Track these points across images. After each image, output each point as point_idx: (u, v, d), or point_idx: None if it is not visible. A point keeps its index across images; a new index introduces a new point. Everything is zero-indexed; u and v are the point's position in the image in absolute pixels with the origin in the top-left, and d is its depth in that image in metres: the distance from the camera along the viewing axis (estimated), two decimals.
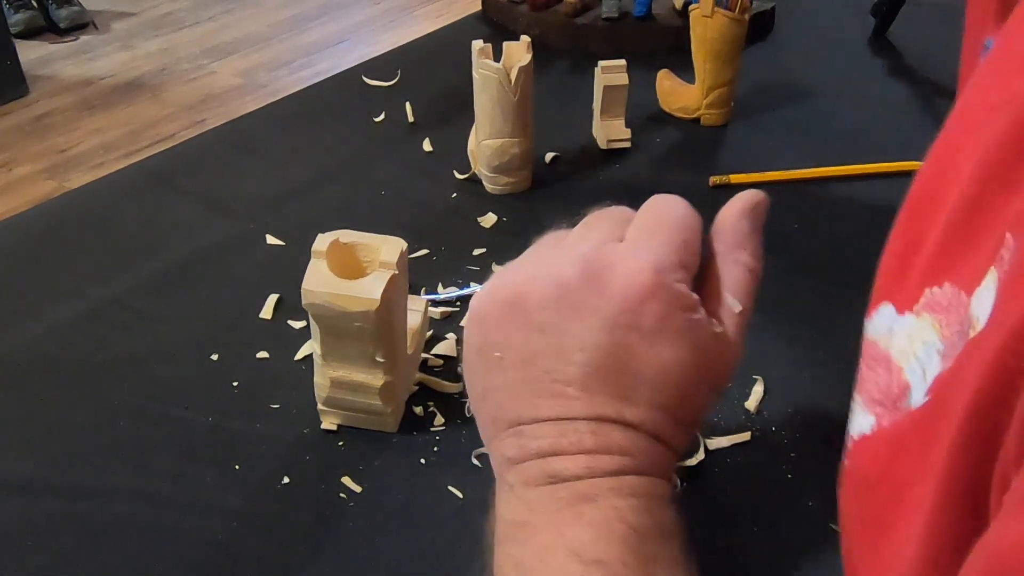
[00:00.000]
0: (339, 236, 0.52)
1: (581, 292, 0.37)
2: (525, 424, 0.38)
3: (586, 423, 0.37)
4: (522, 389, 0.38)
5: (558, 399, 0.37)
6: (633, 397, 0.37)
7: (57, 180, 2.45)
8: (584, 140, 0.86)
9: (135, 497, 0.52)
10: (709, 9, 0.81)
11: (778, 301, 0.66)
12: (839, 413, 0.57)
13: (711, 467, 0.53)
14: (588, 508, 0.36)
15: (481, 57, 0.72)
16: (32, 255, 0.72)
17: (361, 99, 0.93)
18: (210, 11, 3.48)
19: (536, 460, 0.37)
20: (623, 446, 0.37)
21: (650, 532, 0.36)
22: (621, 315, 0.37)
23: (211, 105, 2.81)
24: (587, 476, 0.36)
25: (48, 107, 2.82)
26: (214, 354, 0.62)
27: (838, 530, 0.49)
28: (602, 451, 0.37)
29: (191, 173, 0.82)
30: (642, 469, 0.37)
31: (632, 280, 0.37)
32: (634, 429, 0.37)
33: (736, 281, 0.41)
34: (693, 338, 0.38)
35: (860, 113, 0.90)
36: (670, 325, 0.37)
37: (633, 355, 0.37)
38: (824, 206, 0.76)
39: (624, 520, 0.35)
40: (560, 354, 0.37)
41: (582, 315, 0.37)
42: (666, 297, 0.37)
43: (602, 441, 0.37)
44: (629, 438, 0.37)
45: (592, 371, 0.37)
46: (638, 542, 0.35)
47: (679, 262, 0.39)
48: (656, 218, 0.41)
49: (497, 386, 0.39)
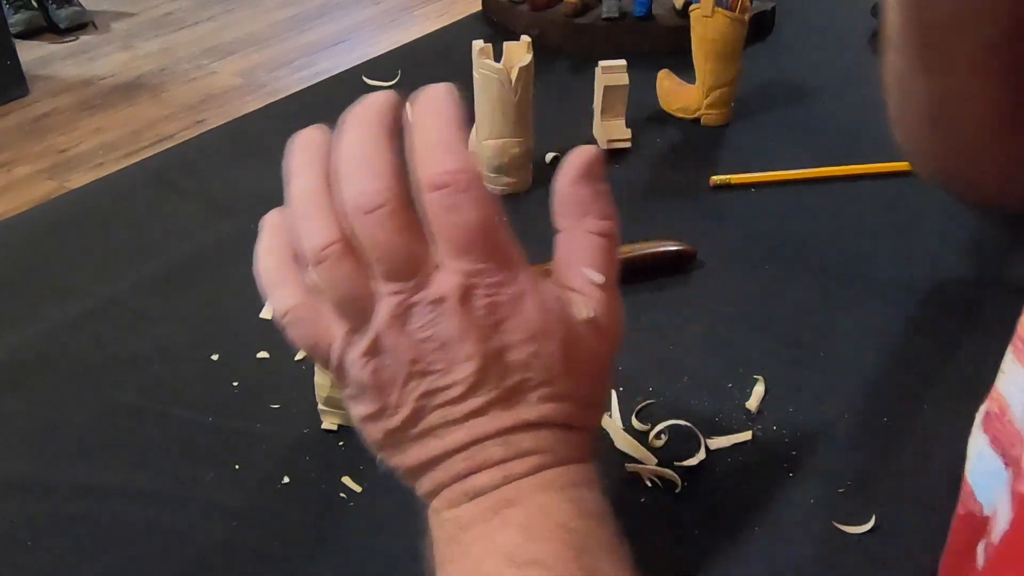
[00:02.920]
0: None
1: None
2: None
3: (491, 440, 0.37)
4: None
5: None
6: (526, 398, 0.37)
7: (57, 180, 2.45)
8: (584, 140, 0.85)
9: (135, 497, 0.52)
10: (709, 9, 0.81)
11: (778, 301, 0.66)
12: (839, 413, 0.57)
13: (711, 467, 0.53)
14: (513, 511, 0.36)
15: (481, 57, 0.72)
16: (32, 255, 0.72)
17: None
18: (210, 11, 3.48)
19: (453, 485, 0.37)
20: (533, 446, 0.37)
21: (578, 522, 0.36)
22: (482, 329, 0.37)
23: (211, 105, 2.81)
24: (506, 483, 0.36)
25: (48, 107, 2.82)
26: (214, 354, 0.62)
27: (840, 529, 0.49)
28: (515, 457, 0.37)
29: (191, 173, 0.82)
30: (559, 460, 0.37)
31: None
32: (539, 427, 0.37)
33: (590, 252, 0.40)
34: (563, 327, 0.38)
35: (860, 113, 0.90)
36: (535, 320, 0.37)
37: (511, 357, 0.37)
38: (824, 206, 0.76)
39: (551, 516, 0.36)
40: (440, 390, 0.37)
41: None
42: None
43: (512, 449, 0.37)
44: (537, 437, 0.37)
45: (476, 389, 0.37)
46: (568, 535, 0.35)
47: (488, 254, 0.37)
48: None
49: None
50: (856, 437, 0.55)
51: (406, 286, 0.36)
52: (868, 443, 0.54)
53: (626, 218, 0.75)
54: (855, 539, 0.49)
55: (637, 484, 0.52)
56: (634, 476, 0.52)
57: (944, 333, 0.63)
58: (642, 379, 0.58)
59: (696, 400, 0.57)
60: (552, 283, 0.40)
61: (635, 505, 0.51)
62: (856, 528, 0.49)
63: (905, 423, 0.56)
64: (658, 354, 0.61)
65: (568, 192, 0.41)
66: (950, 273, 0.68)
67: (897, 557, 0.48)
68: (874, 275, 0.68)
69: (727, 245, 0.71)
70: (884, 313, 0.64)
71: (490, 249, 0.37)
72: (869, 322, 0.63)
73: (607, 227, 0.40)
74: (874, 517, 0.50)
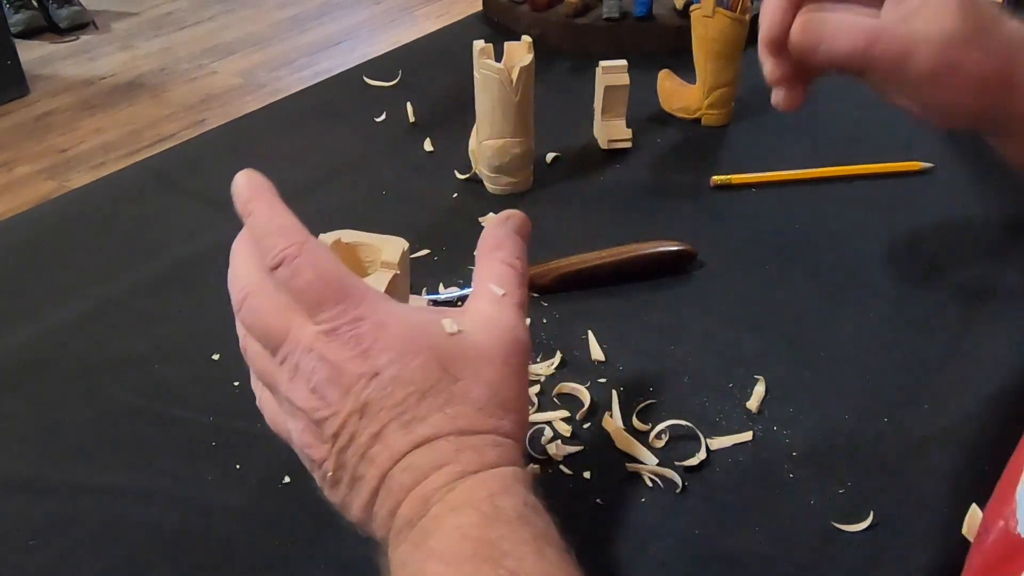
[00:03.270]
0: (341, 236, 0.52)
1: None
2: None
3: (398, 466, 0.39)
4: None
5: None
6: (417, 414, 0.40)
7: (57, 180, 2.45)
8: (585, 140, 0.86)
9: (135, 497, 0.52)
10: (710, 9, 0.81)
11: (778, 301, 0.66)
12: (839, 413, 0.57)
13: (712, 467, 0.53)
14: (434, 542, 0.37)
15: (482, 57, 0.72)
16: (32, 255, 0.72)
17: (362, 99, 0.93)
18: (210, 11, 3.48)
19: (392, 524, 0.40)
20: (435, 461, 0.39)
21: (497, 530, 0.37)
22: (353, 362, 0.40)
23: (212, 105, 2.81)
24: (425, 509, 0.38)
25: (48, 107, 2.82)
26: (214, 354, 0.62)
27: (839, 529, 0.49)
28: (422, 479, 0.39)
29: (192, 173, 0.82)
30: (467, 470, 0.39)
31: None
32: (436, 439, 0.39)
33: (496, 274, 0.45)
34: (431, 341, 0.41)
35: (860, 113, 0.90)
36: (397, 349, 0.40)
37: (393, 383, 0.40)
38: (824, 206, 0.76)
39: (468, 536, 0.37)
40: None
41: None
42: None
43: (417, 472, 0.39)
44: (434, 452, 0.39)
45: (365, 417, 0.40)
46: (488, 549, 0.36)
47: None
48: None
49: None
50: (856, 437, 0.55)
51: (284, 351, 0.41)
52: (868, 443, 0.54)
53: (626, 218, 0.75)
54: (854, 538, 0.49)
55: (638, 484, 0.52)
56: (635, 476, 0.52)
57: (944, 333, 0.63)
58: (642, 379, 0.58)
59: (696, 400, 0.57)
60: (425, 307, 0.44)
61: (635, 505, 0.51)
62: (855, 527, 0.49)
63: (905, 423, 0.56)
64: (658, 354, 0.61)
65: (487, 232, 0.47)
66: (950, 273, 0.68)
67: (895, 556, 0.48)
68: (874, 275, 0.68)
69: (727, 245, 0.71)
70: (884, 313, 0.64)
71: (338, 295, 0.41)
72: (869, 322, 0.63)
73: (515, 261, 0.45)
74: (872, 516, 0.50)
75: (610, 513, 0.50)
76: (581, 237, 0.71)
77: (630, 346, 0.61)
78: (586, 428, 0.55)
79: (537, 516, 0.39)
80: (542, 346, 0.61)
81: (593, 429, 0.55)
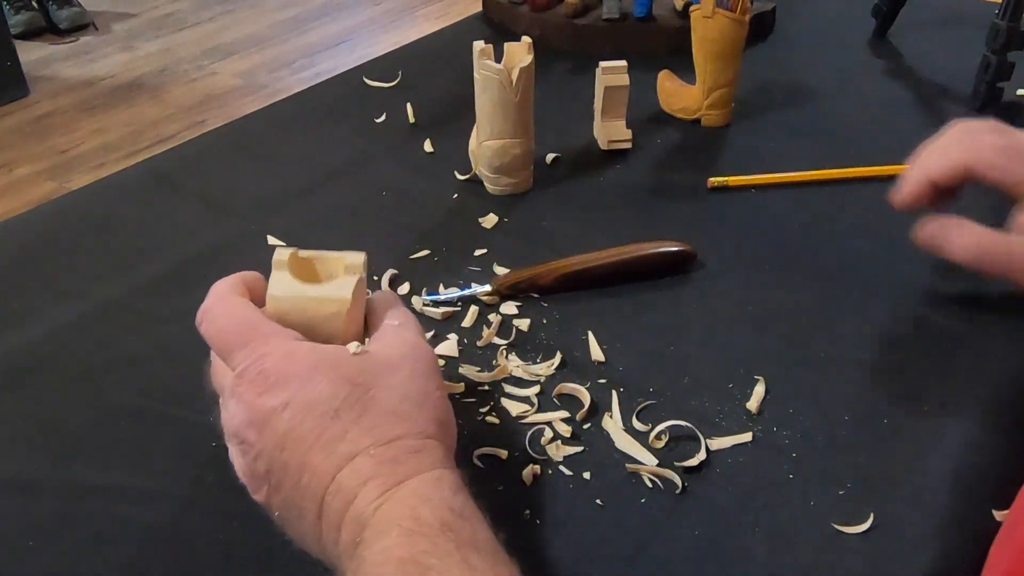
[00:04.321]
0: (298, 251, 0.51)
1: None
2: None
3: (329, 492, 0.40)
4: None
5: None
6: (335, 434, 0.41)
7: (57, 181, 2.45)
8: (585, 141, 0.86)
9: (135, 497, 0.52)
10: (710, 10, 0.81)
11: (778, 302, 0.66)
12: (839, 414, 0.57)
13: (712, 467, 0.53)
14: (365, 567, 0.38)
15: (482, 58, 0.72)
16: (32, 256, 0.72)
17: (362, 100, 0.93)
18: (210, 12, 3.49)
19: (340, 553, 0.40)
20: (360, 477, 0.40)
21: (419, 546, 0.38)
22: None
23: (212, 106, 2.81)
24: (359, 534, 0.39)
25: (48, 108, 2.82)
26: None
27: (839, 530, 0.49)
28: (351, 500, 0.40)
29: (192, 174, 0.82)
30: (391, 481, 0.40)
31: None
32: (358, 456, 0.40)
33: (390, 310, 0.49)
34: (335, 362, 0.43)
35: (861, 114, 0.90)
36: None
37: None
38: (824, 207, 0.76)
39: (391, 557, 0.38)
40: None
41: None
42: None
43: (344, 494, 0.40)
44: (357, 470, 0.40)
45: (287, 447, 0.41)
46: (413, 567, 0.37)
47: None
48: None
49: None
50: (856, 438, 0.55)
51: (221, 403, 0.44)
52: (868, 444, 0.54)
53: (627, 219, 0.75)
54: (854, 540, 0.49)
55: (637, 484, 0.52)
56: (635, 476, 0.52)
57: (944, 333, 0.63)
58: (642, 379, 0.59)
59: (696, 400, 0.57)
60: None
61: (635, 505, 0.51)
62: (855, 528, 0.49)
63: (904, 423, 0.56)
64: (658, 354, 0.61)
65: (376, 298, 0.51)
66: (950, 273, 0.68)
67: (896, 558, 0.48)
68: (874, 275, 0.68)
69: (728, 245, 0.71)
70: (884, 313, 0.64)
71: (244, 336, 0.44)
72: (869, 322, 0.63)
73: (403, 318, 0.49)
74: (872, 517, 0.50)
75: (610, 513, 0.50)
76: (581, 237, 0.71)
77: (630, 347, 0.61)
78: (586, 429, 0.55)
79: (462, 521, 0.39)
80: (542, 346, 0.61)
81: (593, 430, 0.55)
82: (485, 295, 0.65)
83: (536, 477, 0.52)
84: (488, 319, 0.64)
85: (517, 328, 0.63)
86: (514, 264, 0.68)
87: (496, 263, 0.69)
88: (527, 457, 0.53)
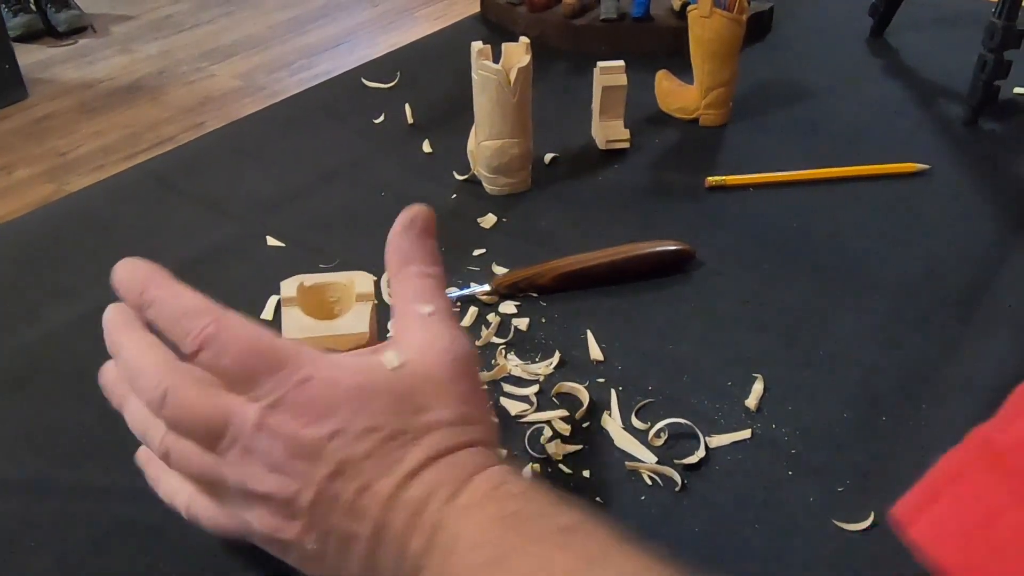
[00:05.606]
0: (302, 280, 0.50)
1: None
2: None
3: (395, 513, 0.38)
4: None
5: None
6: (395, 454, 0.39)
7: (57, 183, 2.45)
8: (583, 141, 0.86)
9: (135, 497, 0.52)
10: (707, 10, 0.82)
11: (777, 300, 0.66)
12: (839, 412, 0.57)
13: (711, 465, 0.53)
14: (461, 545, 0.37)
15: (480, 58, 0.72)
16: (32, 258, 0.72)
17: (360, 101, 0.93)
18: (209, 13, 3.49)
19: (394, 566, 0.38)
20: (426, 492, 0.38)
21: (513, 509, 0.37)
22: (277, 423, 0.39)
23: (210, 107, 2.81)
24: (436, 532, 0.37)
25: (47, 110, 2.83)
26: None
27: (839, 527, 0.49)
28: (424, 508, 0.38)
29: (191, 175, 0.82)
30: (463, 479, 0.38)
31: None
32: (423, 469, 0.39)
33: (417, 290, 0.43)
34: (378, 380, 0.40)
35: (859, 113, 0.91)
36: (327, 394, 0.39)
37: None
38: (824, 206, 0.76)
39: (495, 519, 0.37)
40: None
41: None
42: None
43: (409, 508, 0.38)
44: (427, 479, 0.38)
45: (345, 474, 0.38)
46: (516, 521, 0.36)
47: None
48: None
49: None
50: (855, 436, 0.55)
51: (229, 438, 0.39)
52: (867, 442, 0.54)
53: (625, 218, 0.75)
54: (854, 537, 0.49)
55: (637, 482, 0.52)
56: (634, 474, 0.53)
57: (944, 333, 0.63)
58: (642, 378, 0.59)
59: (696, 399, 0.57)
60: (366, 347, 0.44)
61: (635, 503, 0.51)
62: (854, 526, 0.49)
63: (904, 422, 0.56)
64: (658, 353, 0.61)
65: (392, 246, 0.45)
66: (950, 273, 0.68)
67: (895, 555, 0.48)
68: (873, 275, 0.68)
69: (727, 245, 0.71)
70: (883, 313, 0.64)
71: (272, 363, 0.39)
72: (868, 322, 0.64)
73: (431, 270, 0.44)
74: (872, 515, 0.50)
75: (610, 512, 0.50)
76: (580, 237, 0.72)
77: (629, 345, 0.61)
78: (585, 427, 0.56)
79: (542, 492, 0.39)
80: (541, 346, 0.62)
81: (592, 428, 0.55)
82: (484, 295, 0.66)
83: (535, 476, 0.52)
84: (487, 319, 0.64)
85: (516, 327, 0.63)
86: (513, 264, 0.68)
87: (495, 263, 0.69)
88: (526, 456, 0.54)
